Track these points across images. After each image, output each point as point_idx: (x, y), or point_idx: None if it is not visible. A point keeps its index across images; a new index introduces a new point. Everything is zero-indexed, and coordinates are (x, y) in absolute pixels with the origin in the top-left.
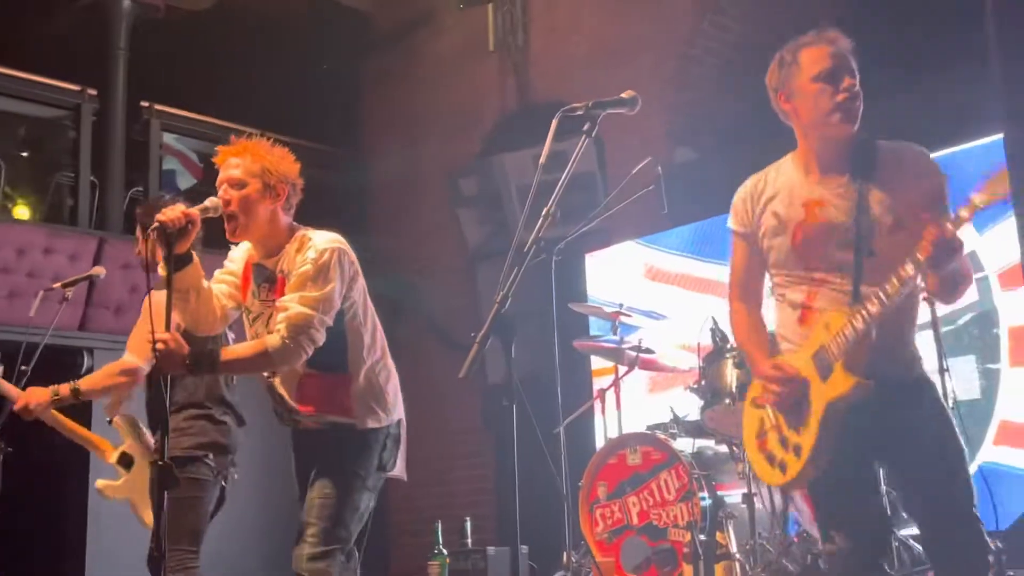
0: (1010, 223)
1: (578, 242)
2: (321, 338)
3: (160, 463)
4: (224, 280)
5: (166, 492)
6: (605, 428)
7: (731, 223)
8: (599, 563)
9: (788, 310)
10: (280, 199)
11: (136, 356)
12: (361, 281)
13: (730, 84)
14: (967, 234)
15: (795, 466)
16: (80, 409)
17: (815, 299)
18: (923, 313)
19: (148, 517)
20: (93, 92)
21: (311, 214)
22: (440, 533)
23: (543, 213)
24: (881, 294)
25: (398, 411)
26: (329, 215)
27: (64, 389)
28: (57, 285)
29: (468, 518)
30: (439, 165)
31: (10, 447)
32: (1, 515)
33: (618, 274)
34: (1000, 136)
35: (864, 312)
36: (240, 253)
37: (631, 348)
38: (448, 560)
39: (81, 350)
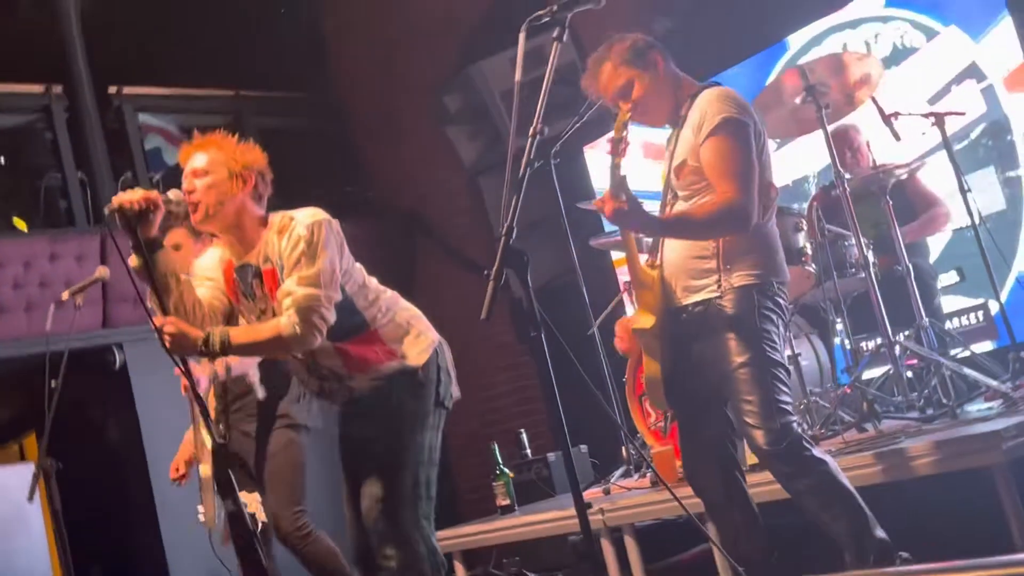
0: (1005, 24)
1: (573, 138)
2: (331, 315)
3: (218, 442)
4: (204, 284)
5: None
6: None
7: None
8: (657, 452)
9: None
10: (247, 187)
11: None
12: (345, 245)
13: None
14: (963, 45)
15: None
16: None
17: None
18: (933, 136)
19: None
20: (59, 89)
21: (302, 165)
22: (497, 452)
23: (530, 132)
24: None
25: (431, 331)
26: (318, 161)
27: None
28: (66, 295)
29: (522, 429)
30: (418, 84)
31: (61, 463)
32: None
33: None
34: None
35: None
36: (208, 261)
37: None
38: (512, 475)
39: (111, 347)
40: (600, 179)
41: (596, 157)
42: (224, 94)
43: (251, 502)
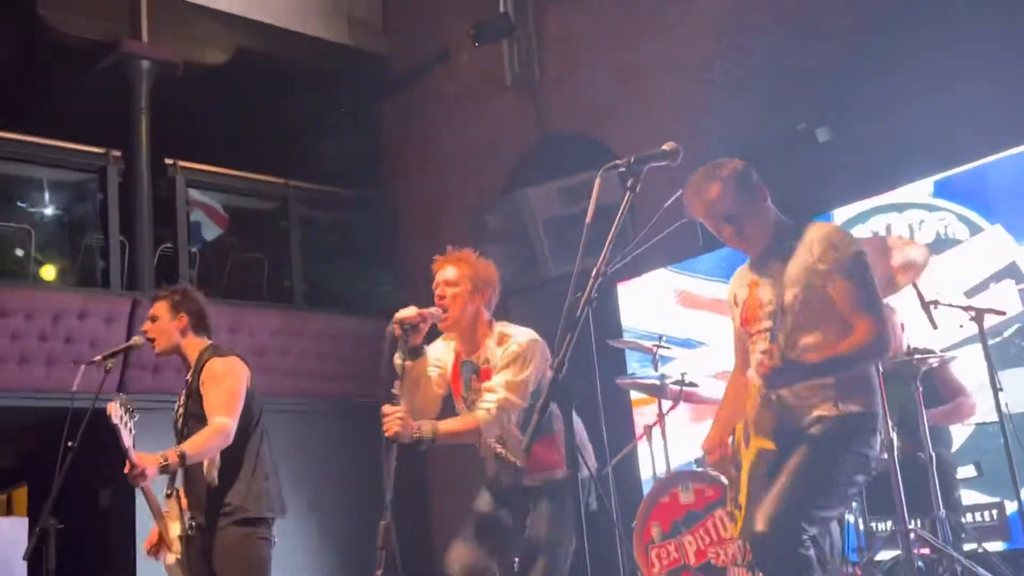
0: None
1: (609, 274)
2: (516, 417)
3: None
4: (435, 368)
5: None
6: (653, 464)
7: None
8: None
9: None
10: (483, 298)
11: (230, 417)
12: (549, 366)
13: (749, 105)
14: (1006, 244)
15: (739, 520)
16: None
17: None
18: (968, 328)
19: None
20: (118, 154)
21: (342, 256)
22: None
23: (593, 273)
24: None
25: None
26: (359, 256)
27: (172, 456)
28: (99, 358)
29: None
30: (463, 202)
31: (61, 523)
32: None
33: (651, 302)
34: None
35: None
36: (441, 351)
37: (674, 383)
38: None
39: None
40: (628, 316)
41: (626, 293)
42: (274, 180)
43: None
